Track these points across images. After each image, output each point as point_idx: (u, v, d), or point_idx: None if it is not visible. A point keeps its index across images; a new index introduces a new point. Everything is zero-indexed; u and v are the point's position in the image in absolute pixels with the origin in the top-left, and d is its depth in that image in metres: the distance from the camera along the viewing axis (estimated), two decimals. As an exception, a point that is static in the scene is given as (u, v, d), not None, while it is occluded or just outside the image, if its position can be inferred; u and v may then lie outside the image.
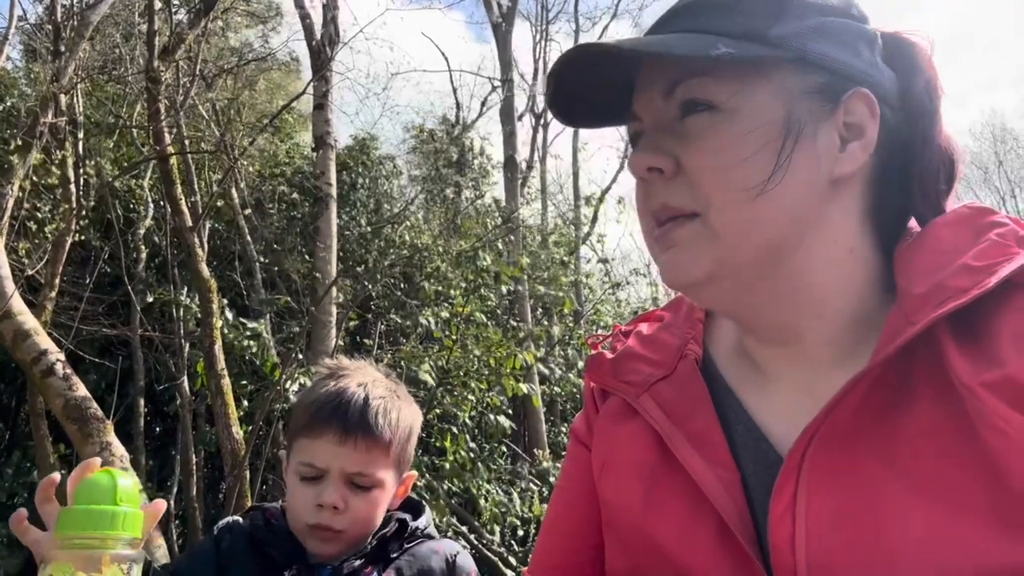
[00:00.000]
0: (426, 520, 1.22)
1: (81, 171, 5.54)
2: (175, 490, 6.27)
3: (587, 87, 0.75)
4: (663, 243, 0.72)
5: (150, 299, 6.29)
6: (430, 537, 1.20)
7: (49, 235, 5.39)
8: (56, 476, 0.88)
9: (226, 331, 4.85)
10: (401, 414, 1.18)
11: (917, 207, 0.75)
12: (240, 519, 1.21)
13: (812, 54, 0.69)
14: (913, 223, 0.76)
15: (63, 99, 4.95)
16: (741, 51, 0.67)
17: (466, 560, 1.17)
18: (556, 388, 8.18)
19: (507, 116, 10.27)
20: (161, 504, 0.91)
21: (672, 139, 0.71)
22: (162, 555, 3.76)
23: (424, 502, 1.28)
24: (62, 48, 4.89)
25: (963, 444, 0.60)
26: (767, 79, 0.69)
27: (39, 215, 5.75)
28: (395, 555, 1.14)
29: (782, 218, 0.68)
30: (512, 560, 5.86)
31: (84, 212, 5.67)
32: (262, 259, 7.04)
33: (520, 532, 6.39)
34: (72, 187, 5.14)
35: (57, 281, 5.00)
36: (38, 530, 0.84)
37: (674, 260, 0.71)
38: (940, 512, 0.59)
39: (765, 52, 0.68)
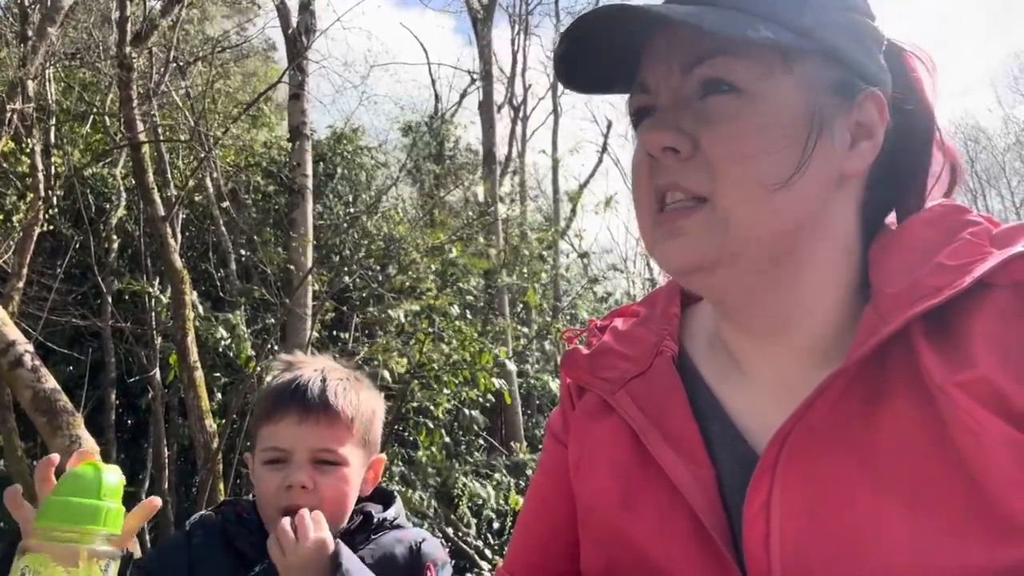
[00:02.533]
0: (395, 511, 1.21)
1: (52, 159, 5.43)
2: (147, 484, 6.19)
3: (588, 52, 0.71)
4: (666, 230, 0.69)
5: (116, 287, 6.18)
6: (399, 527, 1.19)
7: (17, 224, 5.28)
8: (56, 457, 0.87)
9: (198, 323, 4.79)
10: (361, 395, 1.19)
11: (906, 208, 0.75)
12: (212, 514, 1.20)
13: (834, 49, 0.68)
14: (890, 220, 0.77)
15: (31, 85, 4.84)
16: (779, 36, 0.64)
17: (432, 547, 1.17)
18: (533, 381, 8.19)
19: (486, 109, 10.24)
20: (156, 502, 0.91)
21: (691, 119, 0.68)
22: (134, 549, 3.71)
23: (398, 494, 1.28)
24: (29, 33, 4.78)
25: (936, 444, 0.61)
26: (791, 68, 0.67)
27: (7, 204, 5.62)
28: (360, 547, 1.13)
29: (794, 212, 0.67)
30: (488, 552, 5.87)
31: (54, 201, 5.56)
32: (238, 250, 6.96)
33: (496, 524, 6.40)
34: (40, 175, 5.03)
35: (25, 271, 4.89)
36: (31, 507, 0.83)
37: (677, 246, 0.68)
38: (913, 512, 0.59)
39: (797, 40, 0.66)
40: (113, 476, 0.78)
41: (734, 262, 0.68)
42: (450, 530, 5.71)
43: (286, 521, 1.03)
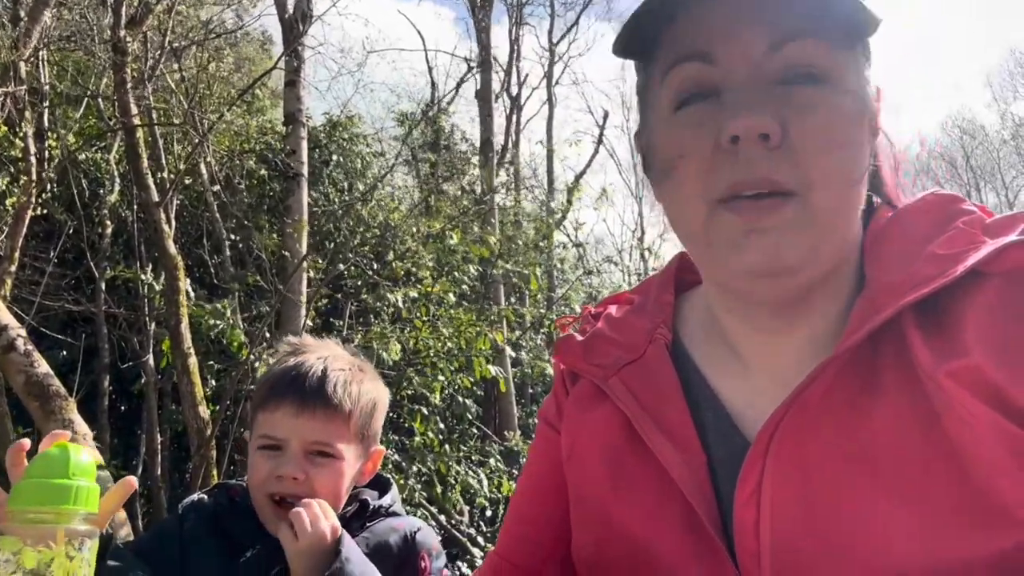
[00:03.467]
0: (391, 498, 1.21)
1: (45, 142, 5.40)
2: (140, 469, 6.19)
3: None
4: (751, 223, 0.63)
5: (109, 274, 6.15)
6: (394, 515, 1.19)
7: (10, 208, 5.25)
8: (26, 442, 0.87)
9: (192, 309, 4.78)
10: (363, 387, 1.17)
11: (885, 198, 0.76)
12: (205, 497, 1.20)
13: (867, 42, 0.68)
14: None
15: (24, 68, 4.80)
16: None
17: (426, 537, 1.16)
18: (527, 370, 8.20)
19: (484, 98, 10.20)
20: (132, 481, 0.90)
21: (776, 103, 0.62)
22: (126, 533, 3.71)
23: (392, 480, 1.27)
24: (22, 14, 4.74)
25: (927, 434, 0.61)
26: (854, 57, 0.66)
27: (-1, 187, 5.59)
28: (355, 534, 1.13)
29: (859, 207, 0.67)
30: (480, 540, 5.89)
31: (47, 185, 5.52)
32: (231, 236, 6.93)
33: (488, 512, 6.42)
34: (33, 159, 5.00)
35: (17, 255, 4.87)
36: (4, 492, 0.83)
37: (768, 245, 0.63)
38: (904, 501, 0.60)
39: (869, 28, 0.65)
40: (84, 455, 0.77)
41: (817, 261, 0.65)
42: (443, 517, 5.73)
43: (300, 510, 1.04)
